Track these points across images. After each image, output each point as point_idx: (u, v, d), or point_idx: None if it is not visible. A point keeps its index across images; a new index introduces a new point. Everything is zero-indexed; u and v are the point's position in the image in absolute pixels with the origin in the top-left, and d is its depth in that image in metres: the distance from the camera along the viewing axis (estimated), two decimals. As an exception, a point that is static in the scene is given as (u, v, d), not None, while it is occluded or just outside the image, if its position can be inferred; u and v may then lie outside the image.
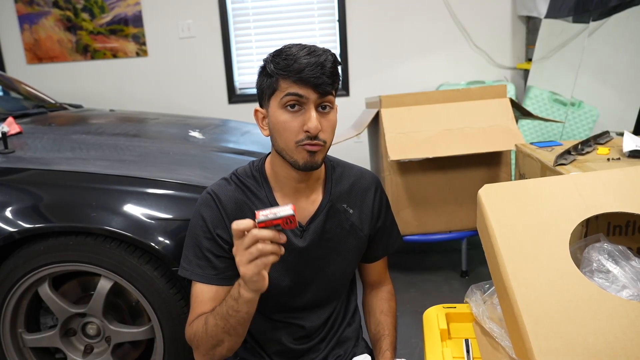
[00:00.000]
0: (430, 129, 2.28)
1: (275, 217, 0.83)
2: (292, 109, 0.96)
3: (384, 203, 1.19)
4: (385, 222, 1.19)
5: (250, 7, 3.70)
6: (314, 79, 0.93)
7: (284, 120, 0.97)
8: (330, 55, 0.97)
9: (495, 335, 0.89)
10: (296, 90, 0.95)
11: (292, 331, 1.13)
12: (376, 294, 1.24)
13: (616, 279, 0.79)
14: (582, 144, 1.66)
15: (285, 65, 0.95)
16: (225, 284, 1.05)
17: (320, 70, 0.94)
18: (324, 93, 0.96)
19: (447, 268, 2.70)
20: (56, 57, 3.79)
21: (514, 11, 3.55)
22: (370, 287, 1.26)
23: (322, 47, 0.98)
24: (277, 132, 1.00)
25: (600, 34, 2.97)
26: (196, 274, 1.05)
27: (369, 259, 1.21)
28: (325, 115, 0.98)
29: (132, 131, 2.16)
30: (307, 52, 0.95)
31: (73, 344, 1.61)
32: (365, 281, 1.27)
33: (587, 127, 3.08)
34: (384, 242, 1.20)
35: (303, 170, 1.00)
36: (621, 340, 0.67)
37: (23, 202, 1.48)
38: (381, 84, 3.64)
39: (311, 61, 0.94)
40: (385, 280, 1.26)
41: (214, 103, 3.79)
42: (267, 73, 0.99)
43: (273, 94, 0.98)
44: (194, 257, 1.05)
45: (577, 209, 0.83)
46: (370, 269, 1.24)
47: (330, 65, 0.96)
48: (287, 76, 0.95)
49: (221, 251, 1.05)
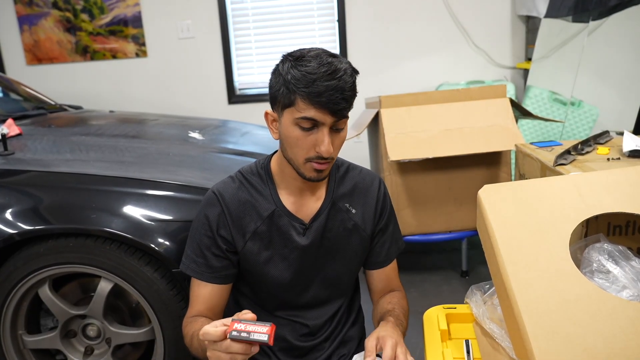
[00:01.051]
0: (430, 129, 2.28)
1: (247, 339, 0.79)
2: (306, 127, 0.96)
3: (388, 205, 1.18)
4: (388, 224, 1.18)
5: (250, 7, 3.70)
6: (333, 104, 0.93)
7: (296, 137, 0.97)
8: (349, 76, 0.94)
9: (495, 336, 0.89)
10: (312, 116, 0.94)
11: (296, 328, 1.14)
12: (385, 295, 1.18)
13: (616, 279, 0.79)
14: (582, 144, 1.66)
15: (305, 84, 0.92)
16: (220, 283, 1.08)
17: (340, 96, 0.93)
18: (340, 117, 0.96)
19: (447, 268, 2.70)
20: (56, 58, 3.79)
21: (513, 11, 3.55)
22: (379, 294, 1.20)
23: (342, 62, 0.95)
24: (287, 145, 1.00)
25: (599, 33, 2.96)
26: (191, 269, 1.09)
27: (372, 265, 1.19)
28: (337, 134, 0.99)
29: (132, 132, 2.16)
30: (328, 74, 0.92)
31: (73, 346, 1.61)
32: (374, 291, 1.21)
33: (587, 126, 3.08)
34: (386, 245, 1.18)
35: (309, 181, 1.03)
36: (621, 341, 0.67)
37: (23, 204, 1.48)
38: (381, 84, 3.64)
39: (331, 85, 0.92)
40: (394, 288, 1.20)
41: (214, 103, 3.79)
42: (284, 82, 0.95)
43: (288, 107, 0.97)
44: (192, 253, 1.09)
45: (577, 209, 0.83)
46: (377, 278, 1.19)
47: (349, 87, 0.94)
48: (305, 96, 0.93)
49: (220, 251, 1.07)
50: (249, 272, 1.11)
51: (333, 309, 1.16)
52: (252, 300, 1.15)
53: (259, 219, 1.07)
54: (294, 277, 1.10)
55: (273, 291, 1.11)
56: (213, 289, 1.08)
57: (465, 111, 2.33)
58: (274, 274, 1.09)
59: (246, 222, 1.07)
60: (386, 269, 1.20)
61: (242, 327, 0.80)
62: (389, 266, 1.20)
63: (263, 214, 1.07)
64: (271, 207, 1.07)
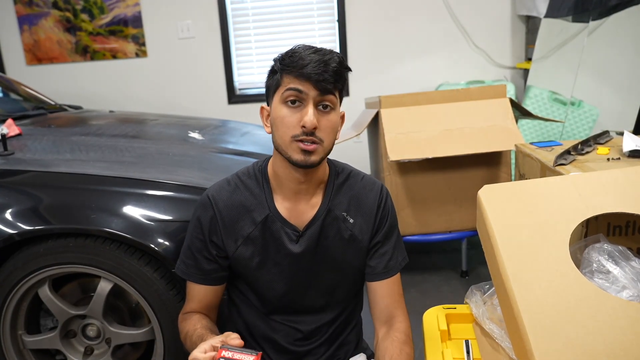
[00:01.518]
0: (430, 129, 2.28)
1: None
2: (292, 104, 0.96)
3: (389, 215, 1.10)
4: (389, 236, 1.10)
5: (250, 7, 3.70)
6: (316, 75, 0.94)
7: (283, 115, 0.97)
8: (336, 57, 0.97)
9: (495, 336, 0.89)
10: (296, 85, 0.95)
11: (289, 333, 1.13)
12: (388, 334, 1.05)
13: (616, 279, 0.79)
14: (582, 144, 1.66)
15: (290, 61, 0.96)
16: (210, 284, 1.10)
17: (323, 68, 0.94)
18: (324, 91, 0.95)
19: (447, 268, 2.70)
20: (56, 58, 3.79)
21: (513, 11, 3.55)
22: (381, 323, 1.08)
23: (331, 49, 0.99)
24: (275, 127, 1.00)
25: (599, 33, 2.96)
26: (181, 270, 1.11)
27: (370, 277, 1.10)
28: (325, 115, 0.97)
29: (132, 132, 2.16)
30: (313, 51, 0.96)
31: (73, 346, 1.60)
32: (375, 315, 1.10)
33: (587, 126, 3.08)
34: (386, 258, 1.09)
35: (298, 167, 0.98)
36: (621, 341, 0.67)
37: (23, 204, 1.48)
38: (381, 84, 3.64)
39: (314, 58, 0.94)
40: (398, 314, 1.08)
41: (214, 103, 3.79)
42: (274, 70, 1.00)
43: (276, 89, 0.99)
44: (184, 255, 1.11)
45: (577, 210, 0.83)
46: (377, 295, 1.09)
47: (335, 64, 0.95)
48: (290, 72, 0.95)
49: (210, 255, 1.08)
50: (242, 276, 1.10)
51: (330, 317, 1.13)
52: (247, 302, 1.14)
53: (253, 224, 1.05)
54: (288, 284, 1.08)
55: (266, 296, 1.10)
56: (205, 289, 1.10)
57: (465, 111, 2.33)
58: (267, 279, 1.08)
59: (239, 226, 1.06)
60: (387, 284, 1.09)
61: (229, 354, 0.81)
62: (390, 281, 1.09)
63: (257, 218, 1.05)
64: (265, 212, 1.05)
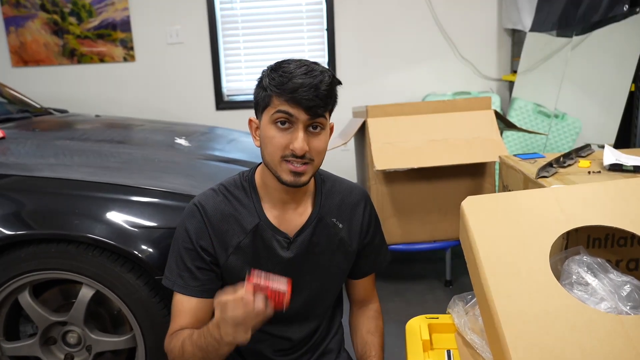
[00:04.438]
0: (416, 139, 2.30)
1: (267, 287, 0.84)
2: (282, 125, 0.96)
3: (374, 219, 1.17)
4: (374, 238, 1.18)
5: (239, 14, 3.70)
6: (307, 100, 0.93)
7: (272, 136, 0.97)
8: (327, 77, 0.96)
9: (476, 347, 0.90)
10: (287, 109, 0.94)
11: (275, 343, 1.12)
12: (363, 312, 1.21)
13: (595, 291, 0.80)
14: (564, 157, 1.68)
15: (280, 82, 0.94)
16: (206, 297, 1.05)
17: (314, 92, 0.93)
18: (315, 115, 0.96)
19: (431, 277, 2.71)
20: (42, 60, 3.76)
21: (499, 24, 3.60)
22: (357, 304, 1.24)
23: (321, 67, 0.97)
24: (264, 145, 1.00)
25: (583, 48, 3.02)
26: (177, 284, 1.05)
27: (356, 275, 1.20)
28: (315, 135, 0.98)
29: (117, 137, 2.14)
30: (303, 72, 0.94)
31: (53, 353, 1.58)
32: (352, 298, 1.24)
33: (570, 138, 3.13)
34: (372, 259, 1.19)
35: (288, 186, 1.00)
36: (599, 353, 0.68)
37: (4, 208, 1.46)
38: (368, 93, 3.66)
39: (306, 82, 0.93)
40: (373, 298, 1.24)
41: (202, 109, 3.78)
42: (263, 86, 0.99)
43: (266, 108, 0.98)
44: (175, 267, 1.06)
45: (558, 222, 0.85)
46: (357, 286, 1.21)
47: (325, 87, 0.95)
48: (280, 94, 0.94)
49: (203, 263, 1.05)
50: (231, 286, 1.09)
51: (316, 323, 1.15)
52: None
53: (243, 233, 1.05)
54: None
55: None
56: (199, 302, 1.05)
57: (451, 122, 2.35)
58: None
59: (229, 236, 1.05)
60: (367, 279, 1.21)
61: (261, 277, 0.84)
62: (370, 276, 1.21)
63: (247, 227, 1.05)
64: (255, 221, 1.05)
